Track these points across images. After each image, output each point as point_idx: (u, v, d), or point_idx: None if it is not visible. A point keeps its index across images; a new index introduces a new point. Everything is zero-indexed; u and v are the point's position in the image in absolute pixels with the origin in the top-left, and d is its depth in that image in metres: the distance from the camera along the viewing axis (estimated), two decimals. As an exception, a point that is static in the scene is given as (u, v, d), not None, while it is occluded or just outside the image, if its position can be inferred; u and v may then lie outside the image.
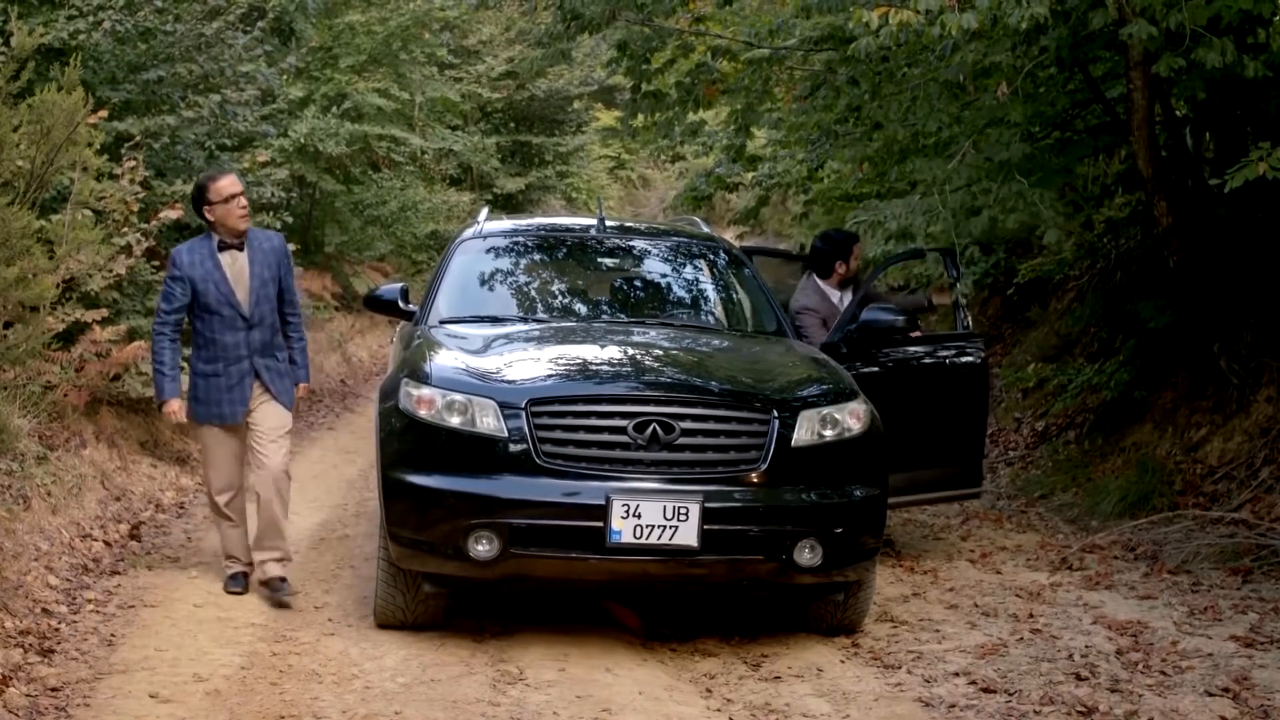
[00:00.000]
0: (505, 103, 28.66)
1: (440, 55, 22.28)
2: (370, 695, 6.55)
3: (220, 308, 8.14)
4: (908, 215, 9.81)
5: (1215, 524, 9.86)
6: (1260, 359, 10.73)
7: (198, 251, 8.19)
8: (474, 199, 27.30)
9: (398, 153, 20.55)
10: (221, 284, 8.14)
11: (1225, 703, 6.55)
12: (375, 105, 19.06)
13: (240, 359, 8.19)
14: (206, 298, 8.12)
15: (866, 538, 7.36)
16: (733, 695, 6.78)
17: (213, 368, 8.17)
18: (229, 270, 8.17)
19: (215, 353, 8.16)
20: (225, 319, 8.16)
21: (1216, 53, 8.18)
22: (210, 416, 8.24)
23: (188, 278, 8.13)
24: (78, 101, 7.83)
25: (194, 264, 8.14)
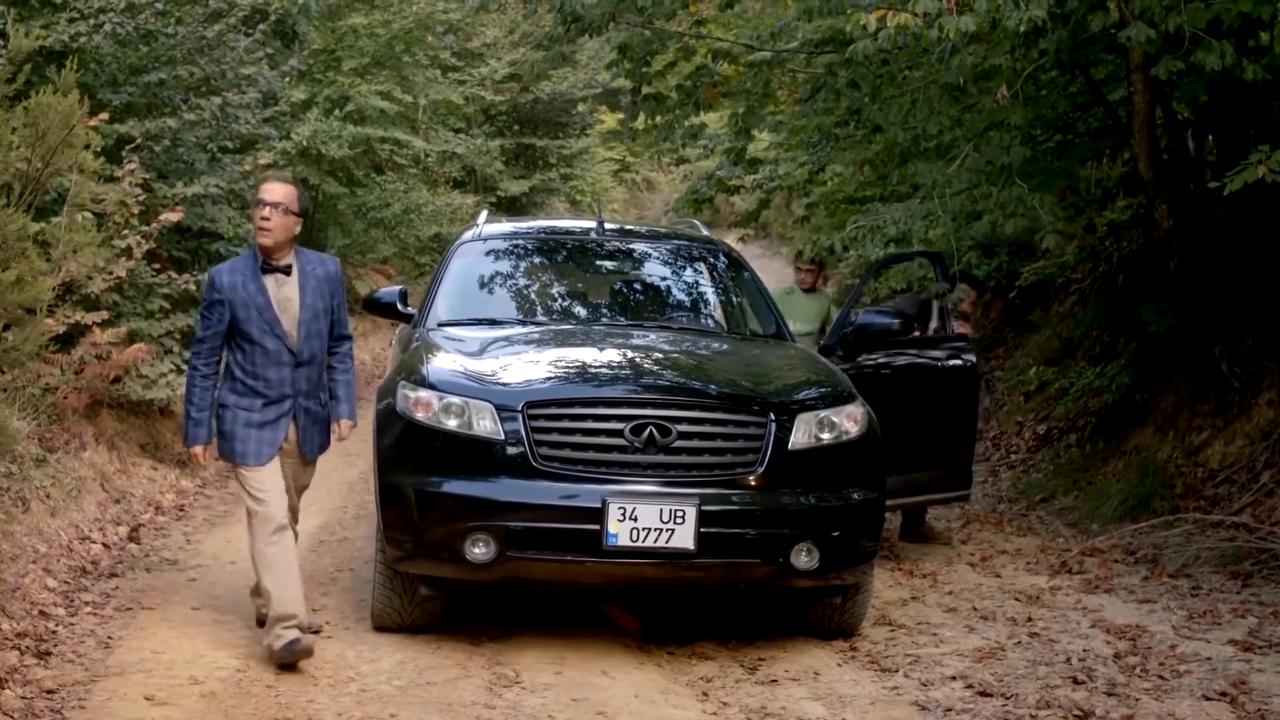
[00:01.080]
0: (509, 105, 28.65)
1: (443, 58, 22.26)
2: (365, 698, 6.54)
3: (264, 339, 7.06)
4: (907, 220, 9.80)
5: (1216, 527, 9.86)
6: (1261, 362, 10.72)
7: (239, 272, 7.13)
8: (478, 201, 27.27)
9: (400, 155, 20.53)
10: (265, 310, 7.06)
11: (1222, 706, 6.53)
12: (378, 108, 19.04)
13: (284, 399, 7.15)
14: (248, 326, 7.04)
15: (864, 541, 7.35)
16: (729, 698, 6.77)
17: (247, 403, 7.09)
18: (273, 295, 7.10)
19: (254, 389, 7.09)
20: (269, 353, 7.08)
21: (1216, 55, 8.17)
22: (231, 454, 7.15)
23: (227, 301, 7.05)
24: (74, 104, 7.79)
25: (234, 286, 7.06)
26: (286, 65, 14.28)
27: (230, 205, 13.52)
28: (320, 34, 18.77)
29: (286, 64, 14.31)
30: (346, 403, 7.47)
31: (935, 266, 10.20)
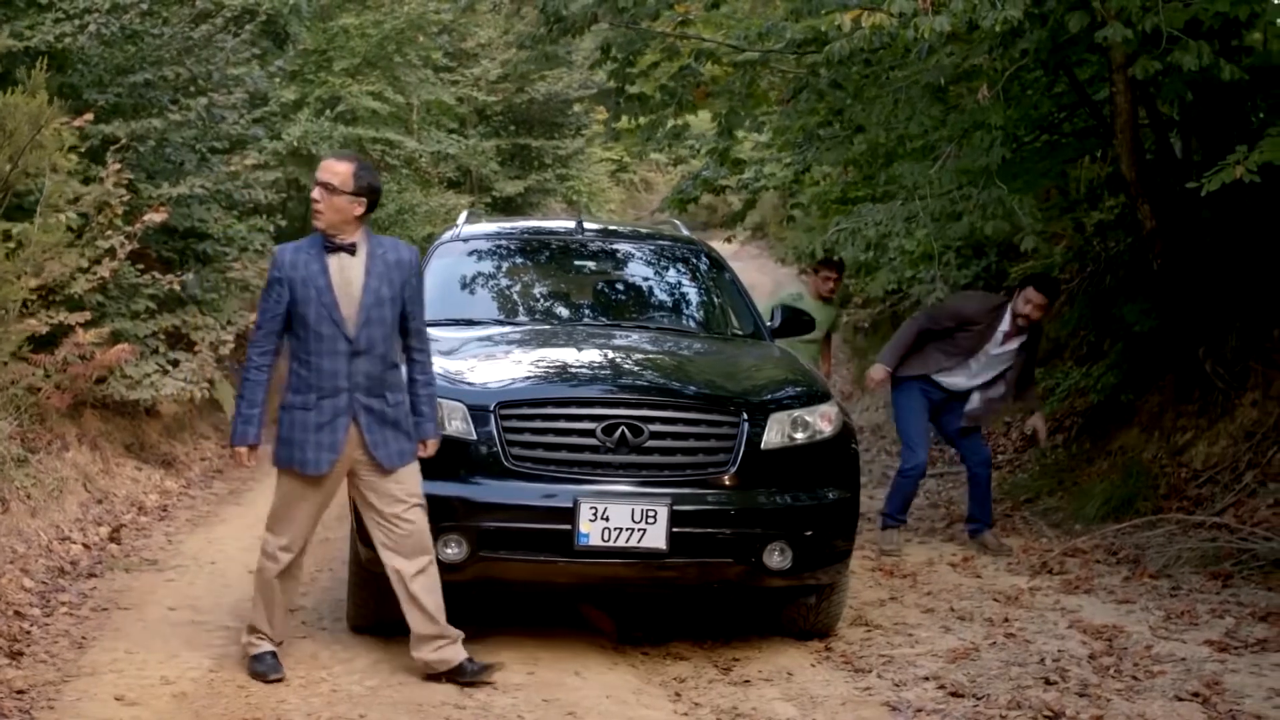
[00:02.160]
0: (504, 106, 28.61)
1: (435, 58, 22.26)
2: (336, 698, 6.53)
3: (319, 324, 6.54)
4: (889, 221, 9.80)
5: (1198, 528, 9.85)
6: (1245, 362, 10.71)
7: (304, 250, 6.63)
8: (473, 202, 27.28)
9: (392, 156, 20.52)
10: (324, 293, 6.54)
11: (1194, 707, 6.53)
12: (369, 108, 19.04)
13: (337, 392, 6.58)
14: (305, 308, 6.53)
15: (838, 541, 7.35)
16: (701, 699, 6.77)
17: (302, 399, 6.60)
18: (335, 277, 6.59)
19: (309, 381, 6.59)
20: (324, 339, 6.55)
21: (1193, 56, 8.16)
22: (289, 461, 6.66)
23: (288, 280, 6.55)
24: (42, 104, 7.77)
25: (295, 264, 6.57)
26: (274, 66, 14.26)
27: (219, 205, 13.54)
28: (311, 34, 18.78)
29: (274, 65, 14.29)
30: (431, 420, 6.81)
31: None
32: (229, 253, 13.46)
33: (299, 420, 6.60)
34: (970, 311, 10.12)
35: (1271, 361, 10.49)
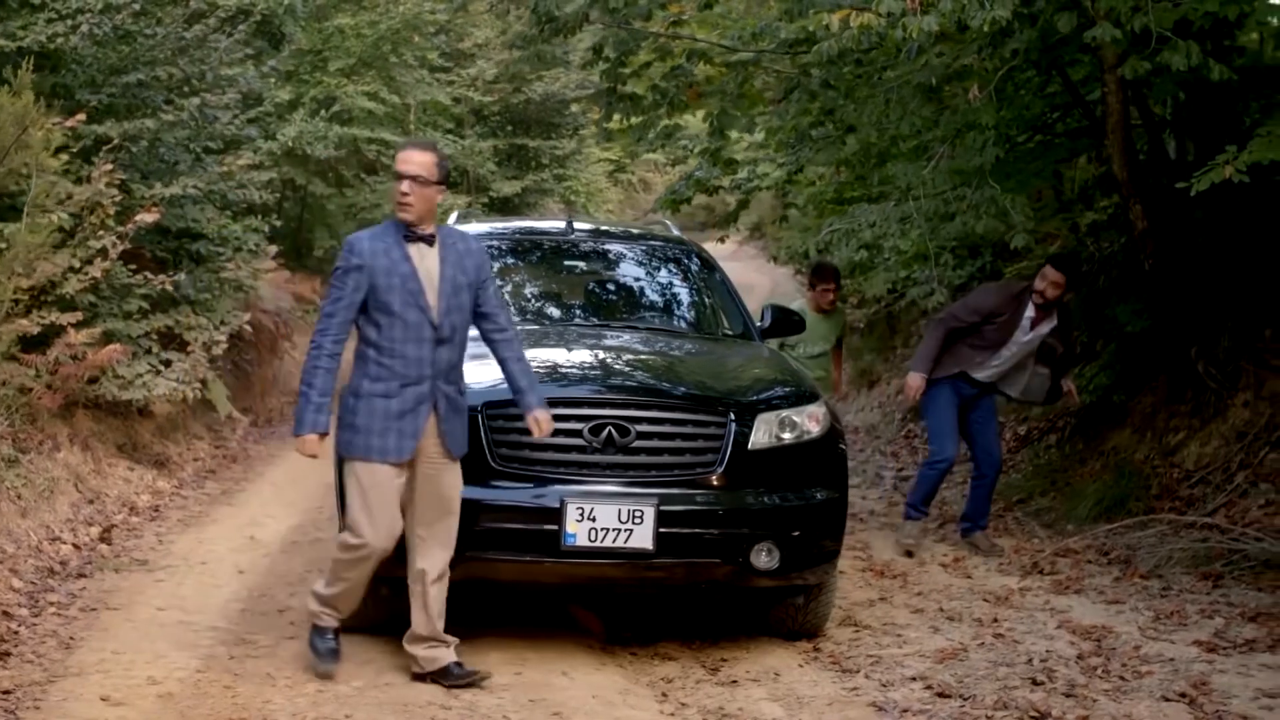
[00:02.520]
0: (501, 106, 28.61)
1: (431, 58, 22.27)
2: (322, 699, 6.53)
3: (405, 311, 6.55)
4: (882, 222, 9.80)
5: (1189, 528, 9.85)
6: (1237, 363, 10.71)
7: (381, 239, 6.61)
8: (470, 202, 27.28)
9: (387, 156, 20.51)
10: (410, 280, 6.55)
11: (1181, 708, 6.54)
12: (365, 109, 19.05)
13: (422, 380, 6.58)
14: (389, 295, 6.52)
15: (825, 541, 7.35)
16: (688, 699, 6.76)
17: (383, 387, 6.55)
18: (418, 265, 6.62)
19: (392, 369, 6.56)
20: (410, 326, 6.55)
21: (1182, 56, 8.15)
22: (367, 450, 6.58)
23: (368, 268, 6.51)
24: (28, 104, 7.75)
25: (375, 252, 6.53)
26: (266, 66, 14.26)
27: (214, 205, 13.54)
28: (307, 34, 18.79)
29: (266, 65, 14.28)
30: (533, 391, 6.78)
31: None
32: (223, 253, 13.44)
33: (379, 408, 6.55)
34: (992, 304, 10.03)
35: (1263, 362, 10.49)
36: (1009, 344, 9.99)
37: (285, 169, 17.47)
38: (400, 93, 20.82)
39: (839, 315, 11.35)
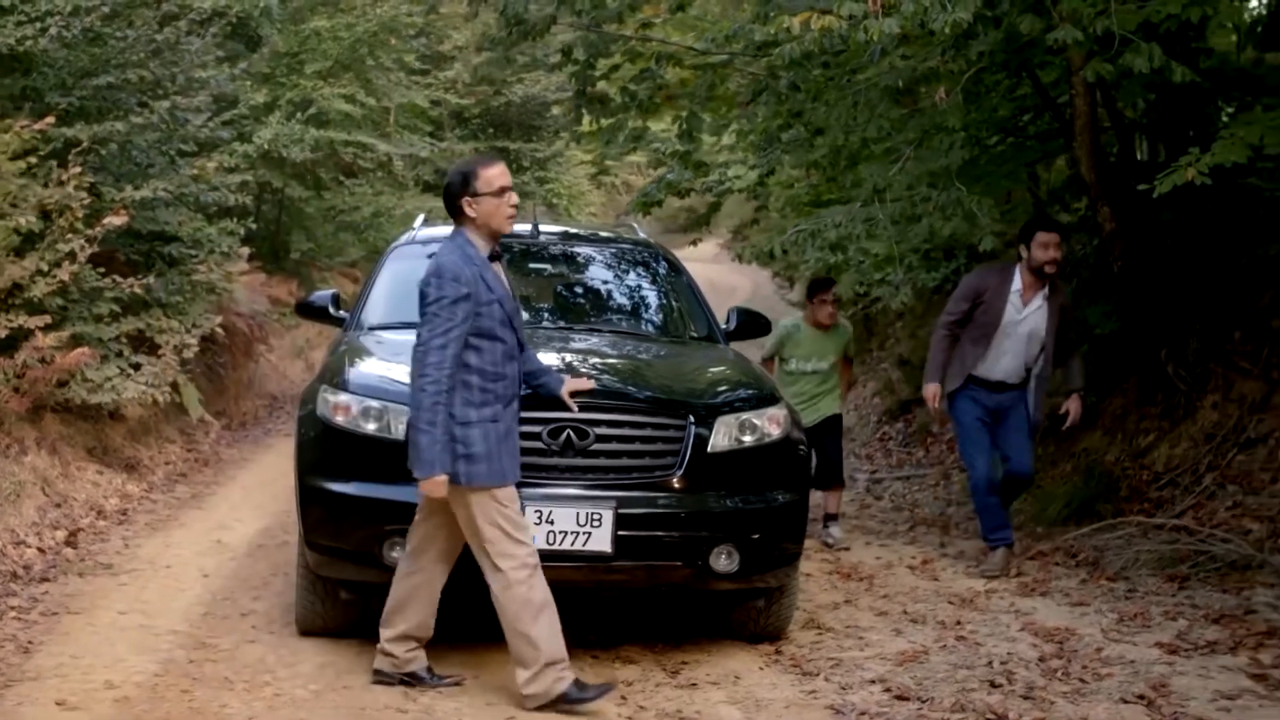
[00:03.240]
0: (482, 108, 28.61)
1: (408, 61, 22.24)
2: (279, 702, 6.52)
3: (504, 332, 6.48)
4: (848, 224, 9.79)
5: (1158, 530, 9.86)
6: (1206, 365, 10.72)
7: (471, 262, 6.45)
8: (448, 205, 27.24)
9: (364, 159, 20.50)
10: (507, 300, 6.53)
11: (1139, 709, 6.55)
12: (342, 111, 19.02)
13: (513, 399, 6.56)
14: (490, 320, 6.43)
15: (786, 543, 7.34)
16: (646, 703, 6.75)
17: (491, 411, 6.42)
18: (503, 284, 6.62)
19: (496, 391, 6.45)
20: (507, 346, 6.50)
21: (1144, 58, 8.15)
22: (501, 476, 6.42)
23: (473, 296, 6.40)
24: (-13, 108, 7.73)
25: (474, 278, 6.41)
26: (238, 68, 14.23)
27: (188, 208, 13.52)
28: (283, 37, 18.77)
29: (238, 67, 14.26)
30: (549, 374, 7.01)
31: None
32: (196, 255, 13.43)
33: (493, 433, 6.41)
34: (975, 283, 9.67)
35: (1232, 364, 10.50)
36: (1002, 327, 9.46)
37: (261, 172, 17.42)
38: (377, 95, 20.78)
39: (842, 330, 10.86)
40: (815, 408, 10.56)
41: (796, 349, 10.60)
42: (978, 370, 9.57)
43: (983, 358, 9.54)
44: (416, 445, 6.31)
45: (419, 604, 6.75)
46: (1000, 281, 9.50)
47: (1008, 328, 9.47)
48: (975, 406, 9.61)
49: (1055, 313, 9.53)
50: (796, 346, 10.61)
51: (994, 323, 9.46)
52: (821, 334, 10.64)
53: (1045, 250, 9.30)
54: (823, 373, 10.64)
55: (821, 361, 10.60)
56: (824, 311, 10.54)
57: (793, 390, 10.37)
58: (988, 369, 9.56)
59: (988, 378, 9.57)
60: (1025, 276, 9.41)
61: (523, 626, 6.45)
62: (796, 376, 10.59)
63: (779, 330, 10.53)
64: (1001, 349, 9.51)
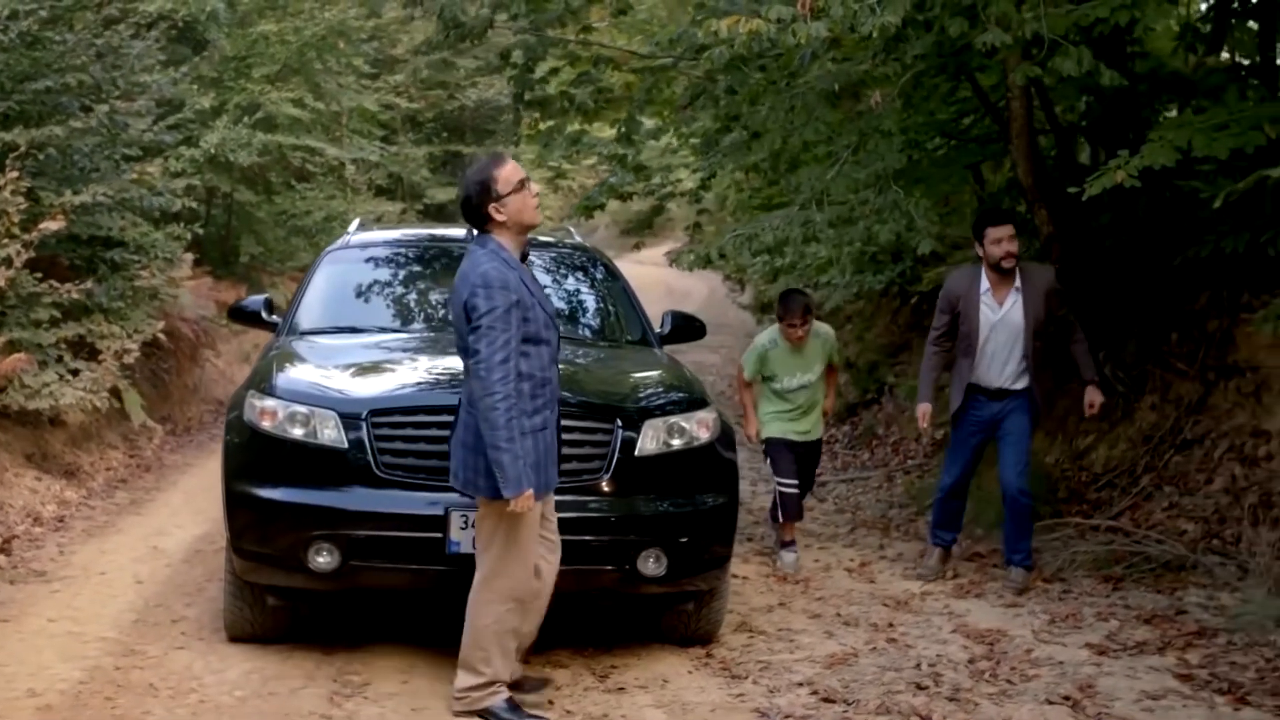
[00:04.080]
0: (435, 112, 28.56)
1: (357, 65, 22.18)
2: (203, 709, 6.49)
3: (549, 334, 6.36)
4: (785, 227, 9.79)
5: (1094, 531, 9.91)
6: (1144, 366, 10.76)
7: (510, 267, 6.28)
8: (404, 209, 27.25)
9: (313, 163, 20.42)
10: (546, 302, 6.40)
11: (1063, 710, 6.59)
12: (290, 115, 18.96)
13: (555, 401, 6.43)
14: (536, 324, 6.28)
15: (715, 547, 7.34)
16: (573, 707, 6.74)
17: (541, 419, 6.29)
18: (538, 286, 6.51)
19: (545, 397, 6.32)
20: (551, 349, 6.38)
21: (1073, 61, 8.17)
22: (542, 485, 6.30)
23: (522, 302, 6.24)
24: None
25: (519, 284, 6.24)
26: (179, 71, 14.16)
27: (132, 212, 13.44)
28: (231, 41, 18.70)
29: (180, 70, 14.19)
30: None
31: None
32: (140, 261, 13.37)
33: (541, 441, 6.29)
34: (947, 292, 9.32)
35: (1169, 365, 10.55)
36: (982, 329, 9.13)
37: (208, 176, 17.35)
38: (326, 100, 20.71)
39: (822, 338, 10.02)
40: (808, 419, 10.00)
41: (780, 366, 9.86)
42: (974, 379, 9.26)
43: (975, 367, 9.23)
44: (500, 465, 6.08)
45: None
46: (970, 286, 9.21)
47: (988, 332, 9.16)
48: (971, 421, 9.36)
49: (1037, 301, 9.10)
50: (779, 364, 9.86)
51: (974, 330, 9.18)
52: (797, 349, 9.88)
53: (999, 245, 8.99)
54: (812, 385, 9.94)
55: (808, 373, 9.89)
56: (794, 335, 9.74)
57: (784, 408, 9.89)
58: (981, 377, 9.24)
59: (986, 385, 9.24)
60: (990, 275, 9.12)
61: (486, 642, 6.45)
62: (784, 395, 9.90)
63: (755, 350, 9.97)
64: (988, 354, 9.19)
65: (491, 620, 6.42)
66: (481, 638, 6.45)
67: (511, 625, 6.47)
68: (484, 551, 6.42)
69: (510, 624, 6.46)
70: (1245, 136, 8.12)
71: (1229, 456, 9.82)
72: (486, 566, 6.42)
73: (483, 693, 6.46)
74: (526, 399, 6.22)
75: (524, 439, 6.16)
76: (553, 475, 6.42)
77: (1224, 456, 9.86)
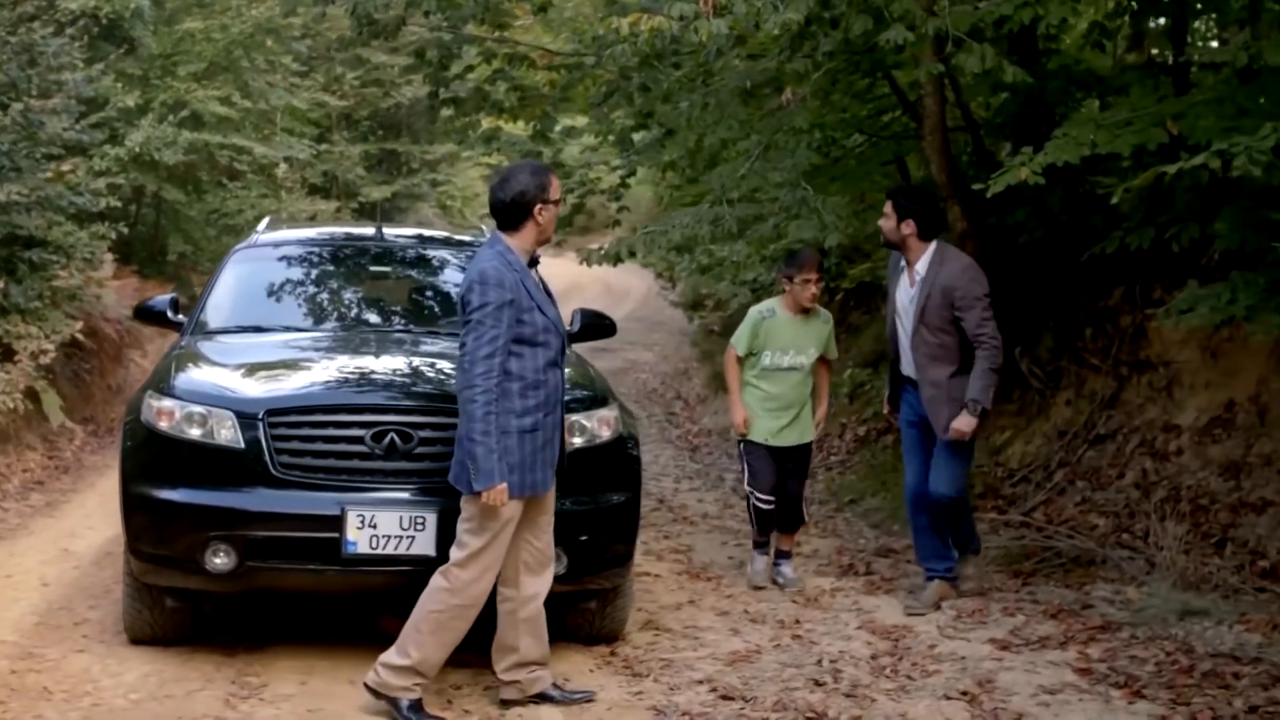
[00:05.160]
0: (371, 110, 28.46)
1: (286, 63, 22.07)
2: (96, 713, 6.44)
3: (549, 337, 6.43)
4: (695, 225, 9.79)
5: (1008, 527, 9.96)
6: (1059, 363, 10.83)
7: (511, 267, 6.35)
8: (339, 207, 27.15)
9: (240, 162, 20.29)
10: (547, 305, 6.48)
11: (960, 706, 6.59)
12: (217, 114, 18.84)
13: (555, 407, 6.52)
14: (533, 328, 6.36)
15: (616, 545, 7.33)
16: (471, 706, 6.72)
17: (531, 420, 6.37)
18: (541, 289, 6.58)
19: (538, 399, 6.38)
20: (549, 353, 6.46)
21: (976, 58, 8.21)
22: (531, 486, 6.40)
23: (516, 301, 6.31)
24: None
25: (515, 284, 6.32)
26: (94, 69, 14.05)
27: (53, 211, 13.34)
28: (157, 39, 18.58)
29: (94, 68, 14.08)
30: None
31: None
32: (59, 260, 13.27)
33: (529, 442, 6.36)
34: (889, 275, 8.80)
35: (1083, 361, 10.61)
36: (898, 315, 8.54)
37: (134, 175, 17.23)
38: (254, 98, 20.59)
39: (823, 318, 9.26)
40: (795, 422, 9.11)
41: (772, 339, 8.97)
42: (901, 368, 8.64)
43: (900, 355, 8.61)
44: (473, 457, 6.21)
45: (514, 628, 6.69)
46: (895, 265, 8.63)
47: (899, 313, 8.54)
48: (908, 409, 8.66)
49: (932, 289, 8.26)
50: (772, 337, 8.97)
51: (891, 310, 8.62)
52: (802, 320, 9.03)
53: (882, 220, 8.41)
54: (803, 370, 9.02)
55: (801, 355, 8.99)
56: (807, 294, 8.91)
57: (767, 394, 9.03)
58: (904, 366, 8.59)
59: (910, 375, 8.54)
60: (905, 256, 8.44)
61: (425, 627, 6.44)
62: (772, 375, 9.02)
63: (749, 322, 9.13)
64: (902, 341, 8.53)
65: (440, 608, 6.44)
66: (423, 622, 6.45)
67: (459, 623, 6.46)
68: (456, 544, 6.45)
69: (457, 621, 6.45)
70: (1147, 133, 8.17)
71: (1140, 451, 9.90)
72: (455, 558, 6.43)
73: (398, 678, 6.45)
74: (515, 398, 6.32)
75: (507, 437, 6.27)
76: (542, 478, 6.45)
77: (1135, 451, 9.93)
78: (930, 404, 8.37)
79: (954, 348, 8.30)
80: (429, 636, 6.44)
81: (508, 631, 6.69)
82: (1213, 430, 9.44)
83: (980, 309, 8.26)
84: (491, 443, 6.19)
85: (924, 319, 8.28)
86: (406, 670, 6.44)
